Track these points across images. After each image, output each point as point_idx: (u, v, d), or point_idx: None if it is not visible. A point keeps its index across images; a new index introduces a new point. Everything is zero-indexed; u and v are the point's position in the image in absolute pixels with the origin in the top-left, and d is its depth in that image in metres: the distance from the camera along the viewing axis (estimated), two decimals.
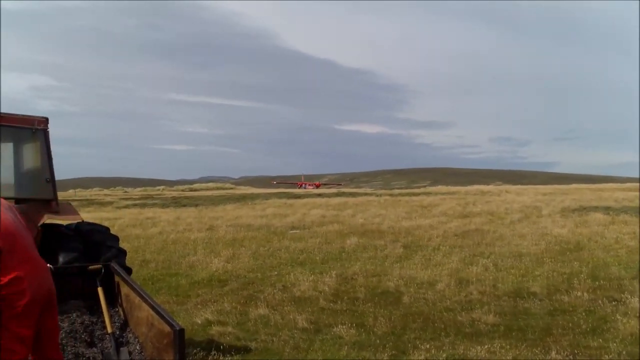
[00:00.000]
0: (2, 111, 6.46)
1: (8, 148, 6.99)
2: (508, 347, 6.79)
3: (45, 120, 6.83)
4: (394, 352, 6.74)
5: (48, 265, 4.26)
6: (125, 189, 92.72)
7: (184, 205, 38.99)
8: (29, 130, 6.72)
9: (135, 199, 49.75)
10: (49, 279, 4.06)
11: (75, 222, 7.38)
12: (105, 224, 8.67)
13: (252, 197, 46.01)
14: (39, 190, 6.90)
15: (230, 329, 7.65)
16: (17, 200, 6.85)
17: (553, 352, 6.55)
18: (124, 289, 5.19)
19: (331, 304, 9.14)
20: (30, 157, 6.97)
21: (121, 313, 5.24)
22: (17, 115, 6.65)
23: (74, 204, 7.88)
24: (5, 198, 6.54)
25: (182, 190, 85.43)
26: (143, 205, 39.84)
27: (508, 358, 6.46)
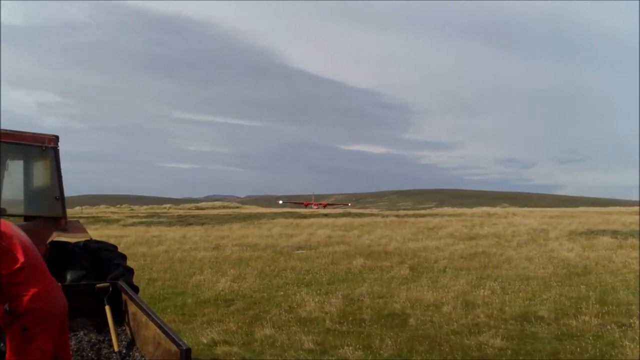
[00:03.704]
0: (9, 128, 6.52)
1: (18, 165, 7.05)
2: None
3: (55, 139, 6.89)
4: None
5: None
6: (132, 206, 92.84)
7: (190, 224, 39.04)
8: (39, 148, 6.78)
9: (141, 217, 49.88)
10: (63, 295, 4.23)
11: (83, 240, 7.42)
12: (112, 241, 8.71)
13: (258, 217, 46.07)
14: (49, 208, 6.93)
15: (236, 349, 7.62)
16: (27, 218, 6.90)
17: None
18: (131, 308, 5.19)
19: (337, 325, 9.09)
20: (40, 174, 7.02)
21: (128, 332, 5.24)
22: (27, 133, 6.71)
23: (80, 221, 7.92)
24: (15, 215, 6.64)
25: (189, 209, 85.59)
26: (149, 223, 39.92)
27: None
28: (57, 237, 6.74)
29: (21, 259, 3.88)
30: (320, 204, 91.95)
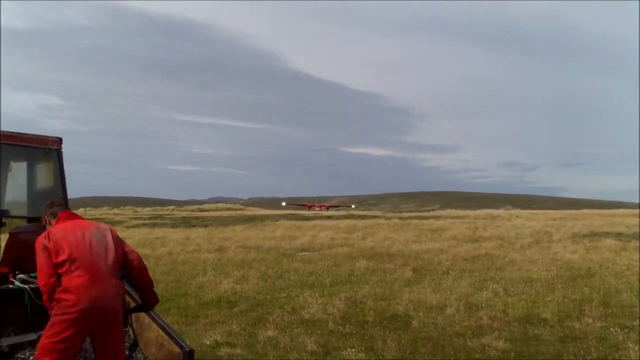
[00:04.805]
0: (13, 131, 6.54)
1: (22, 168, 7.06)
2: None
3: (59, 141, 6.89)
4: None
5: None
6: (135, 208, 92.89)
7: (194, 226, 39.04)
8: (42, 150, 6.79)
9: (144, 219, 49.88)
10: (113, 300, 4.33)
11: None
12: None
13: (262, 219, 46.06)
14: None
15: (238, 350, 7.63)
16: (30, 220, 6.90)
17: None
18: None
19: (340, 327, 9.09)
20: (44, 177, 7.03)
21: (131, 333, 5.25)
22: (31, 135, 6.72)
23: None
24: (18, 217, 6.65)
25: (192, 211, 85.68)
26: (152, 225, 39.94)
27: None
28: None
29: (67, 251, 4.26)
30: (323, 206, 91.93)
